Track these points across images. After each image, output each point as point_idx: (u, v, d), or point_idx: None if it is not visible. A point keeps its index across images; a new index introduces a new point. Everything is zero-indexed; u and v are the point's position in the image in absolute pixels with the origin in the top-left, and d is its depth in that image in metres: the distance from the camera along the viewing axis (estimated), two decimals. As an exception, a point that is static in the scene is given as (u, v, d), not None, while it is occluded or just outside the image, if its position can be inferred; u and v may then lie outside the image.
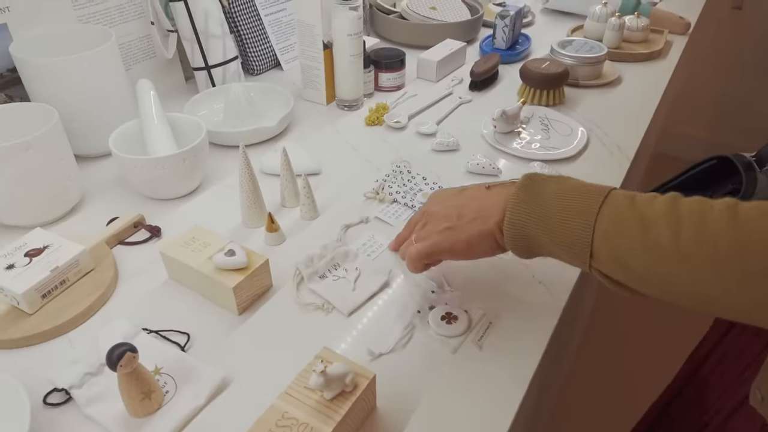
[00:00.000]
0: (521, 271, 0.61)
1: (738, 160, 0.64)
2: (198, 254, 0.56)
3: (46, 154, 0.62)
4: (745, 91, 2.42)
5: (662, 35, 1.18)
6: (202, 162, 0.70)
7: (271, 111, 0.87)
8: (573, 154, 0.80)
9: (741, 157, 0.64)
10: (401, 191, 0.72)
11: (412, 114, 0.90)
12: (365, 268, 0.60)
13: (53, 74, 0.69)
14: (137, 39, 0.88)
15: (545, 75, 0.91)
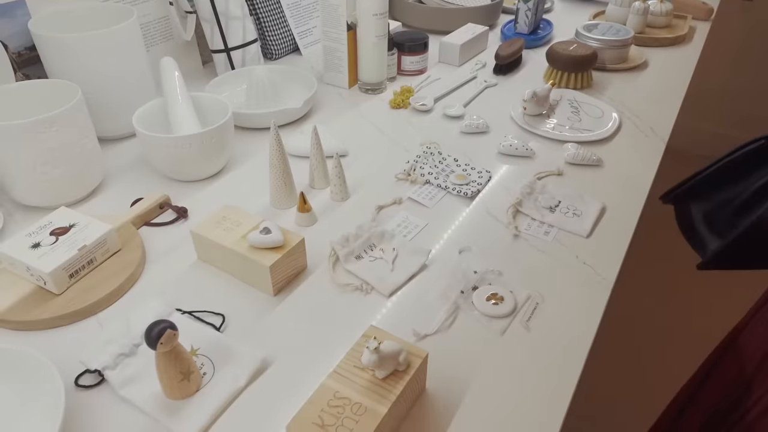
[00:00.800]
0: (564, 252, 0.58)
1: None
2: (230, 233, 0.54)
3: (69, 131, 0.59)
4: (755, 84, 2.39)
5: (686, 21, 1.16)
6: (229, 142, 0.68)
7: (294, 94, 0.85)
8: (607, 136, 0.78)
9: None
10: (434, 172, 0.69)
11: (437, 97, 0.87)
12: (403, 248, 0.58)
13: (73, 51, 0.67)
14: (155, 20, 0.86)
15: (573, 57, 0.88)
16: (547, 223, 0.62)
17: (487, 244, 0.59)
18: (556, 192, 0.66)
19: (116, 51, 0.69)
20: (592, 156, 0.72)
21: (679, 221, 0.73)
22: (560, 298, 0.53)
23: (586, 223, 0.62)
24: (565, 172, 0.71)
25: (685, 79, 0.95)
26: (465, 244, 0.59)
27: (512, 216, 0.63)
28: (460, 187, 0.67)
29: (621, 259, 0.57)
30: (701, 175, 0.69)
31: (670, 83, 0.94)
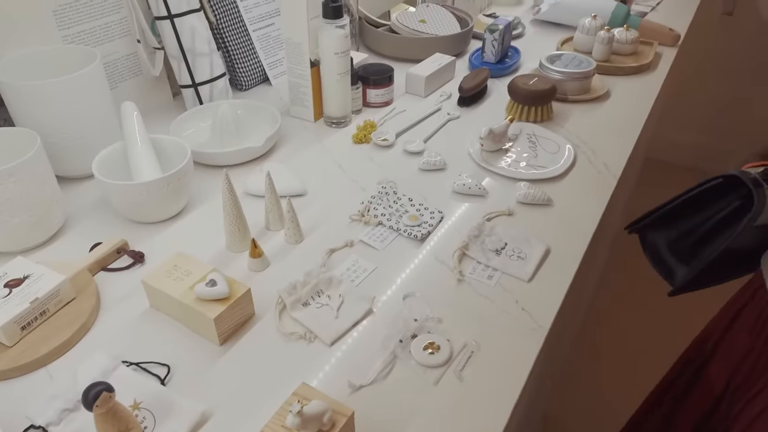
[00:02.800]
0: (505, 297, 0.61)
1: (745, 177, 0.65)
2: (180, 283, 0.56)
3: (29, 180, 0.61)
4: (737, 95, 2.42)
5: (652, 47, 1.18)
6: (187, 185, 0.70)
7: (259, 129, 0.87)
8: (560, 174, 0.80)
9: (747, 174, 0.65)
10: (386, 213, 0.71)
11: (399, 131, 0.89)
12: (349, 294, 0.60)
13: (36, 98, 0.69)
14: (123, 57, 0.88)
15: (533, 92, 0.91)
16: (491, 267, 0.64)
17: (432, 289, 0.62)
18: (503, 234, 0.68)
19: (80, 96, 0.71)
20: (543, 196, 0.74)
21: (645, 250, 0.76)
22: (495, 346, 0.55)
23: (529, 266, 0.64)
24: (515, 212, 0.73)
25: (645, 110, 0.98)
26: (411, 289, 0.61)
27: (458, 260, 0.65)
28: (411, 229, 0.69)
29: (558, 305, 0.60)
30: (666, 207, 0.73)
31: (629, 114, 0.96)
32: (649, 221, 0.75)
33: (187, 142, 0.82)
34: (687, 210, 0.70)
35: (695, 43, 2.36)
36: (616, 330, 1.68)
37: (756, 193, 0.62)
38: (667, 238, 0.73)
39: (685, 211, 0.71)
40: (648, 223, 0.75)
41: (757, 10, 2.27)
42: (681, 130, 2.61)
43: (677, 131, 2.61)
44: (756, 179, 0.63)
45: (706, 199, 0.69)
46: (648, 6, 1.46)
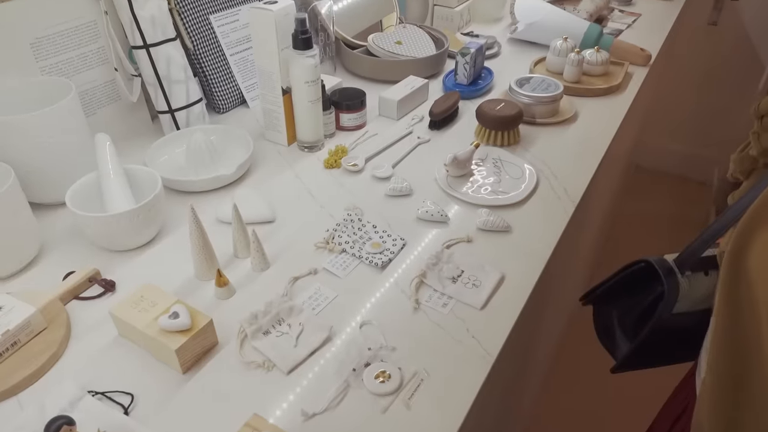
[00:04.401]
0: (457, 325, 0.64)
1: (660, 265, 0.66)
2: (145, 314, 0.59)
3: (3, 214, 0.64)
4: (721, 103, 2.46)
5: (623, 67, 1.21)
6: (157, 215, 0.73)
7: (233, 153, 0.90)
8: (520, 200, 0.83)
9: (663, 263, 0.66)
10: (350, 241, 0.74)
11: (369, 156, 0.92)
12: (308, 323, 0.63)
13: (12, 131, 0.72)
14: (102, 84, 0.91)
15: (499, 117, 0.94)
16: (447, 295, 0.67)
17: (389, 317, 0.65)
18: (461, 261, 0.71)
19: (56, 128, 0.74)
20: (502, 223, 0.77)
21: (595, 323, 0.77)
22: (444, 374, 0.58)
23: (482, 294, 0.67)
24: (475, 239, 0.76)
25: (609, 134, 1.01)
26: (369, 317, 0.64)
27: (415, 288, 0.68)
28: (373, 257, 0.72)
29: (507, 333, 0.63)
30: (609, 282, 0.74)
31: (594, 138, 0.99)
32: (600, 293, 0.76)
33: (163, 168, 0.85)
34: (626, 289, 0.71)
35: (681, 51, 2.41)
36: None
37: (667, 282, 0.63)
38: (617, 312, 0.74)
39: (624, 290, 0.72)
40: (599, 294, 0.76)
41: (740, 20, 2.30)
42: (669, 137, 2.65)
43: (665, 139, 2.65)
44: (670, 268, 0.64)
45: (640, 282, 0.70)
46: (624, 23, 1.49)
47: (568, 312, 1.52)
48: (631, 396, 1.45)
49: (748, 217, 0.50)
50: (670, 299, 0.65)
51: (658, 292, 0.67)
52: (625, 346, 0.72)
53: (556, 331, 1.41)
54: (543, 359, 1.36)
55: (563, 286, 1.08)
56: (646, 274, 0.69)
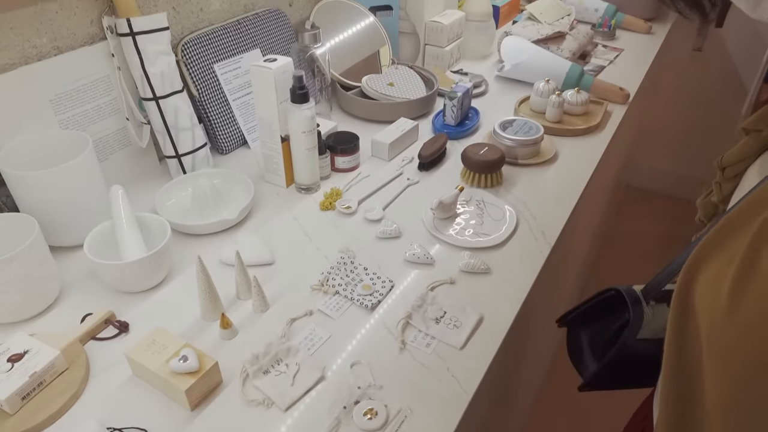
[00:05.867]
0: (439, 364, 0.70)
1: (628, 294, 0.73)
2: (157, 357, 0.66)
3: (29, 263, 0.71)
4: (708, 125, 2.54)
5: (602, 106, 1.29)
6: (167, 260, 0.80)
7: (236, 196, 0.97)
8: (501, 242, 0.90)
9: (631, 292, 0.73)
10: (343, 283, 0.81)
11: (362, 198, 0.99)
12: (304, 363, 0.70)
13: (34, 184, 0.79)
14: (114, 132, 0.98)
15: (483, 162, 1.01)
16: (430, 335, 0.74)
17: (377, 356, 0.71)
18: (444, 303, 0.78)
19: (74, 181, 0.81)
20: (482, 265, 0.84)
21: (568, 344, 0.84)
22: (426, 411, 0.65)
23: (462, 334, 0.74)
24: (457, 281, 0.83)
25: (586, 175, 1.08)
26: (359, 357, 0.71)
27: (401, 329, 0.75)
28: (363, 298, 0.79)
29: (483, 372, 0.69)
30: (582, 307, 0.81)
31: (572, 178, 1.06)
32: (574, 316, 0.83)
33: (171, 211, 0.93)
34: (598, 314, 0.78)
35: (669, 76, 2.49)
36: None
37: (633, 310, 0.70)
38: (588, 335, 0.81)
39: (596, 314, 0.79)
40: (573, 318, 0.83)
41: (724, 46, 2.39)
42: (658, 158, 2.73)
43: (655, 159, 2.73)
44: (637, 297, 0.70)
45: (609, 308, 0.77)
46: (606, 59, 1.57)
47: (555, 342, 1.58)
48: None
49: (694, 256, 0.57)
50: (635, 325, 0.71)
51: (624, 319, 0.74)
52: (592, 367, 0.78)
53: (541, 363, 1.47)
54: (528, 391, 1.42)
55: (545, 320, 1.14)
56: (615, 302, 0.76)
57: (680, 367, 0.58)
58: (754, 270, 0.49)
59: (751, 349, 0.50)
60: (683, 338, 0.58)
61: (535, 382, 1.57)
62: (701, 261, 0.56)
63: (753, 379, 0.51)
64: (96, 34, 0.92)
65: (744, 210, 0.54)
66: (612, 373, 0.74)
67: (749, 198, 0.55)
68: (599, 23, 1.72)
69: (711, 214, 0.80)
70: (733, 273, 0.50)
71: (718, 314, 0.52)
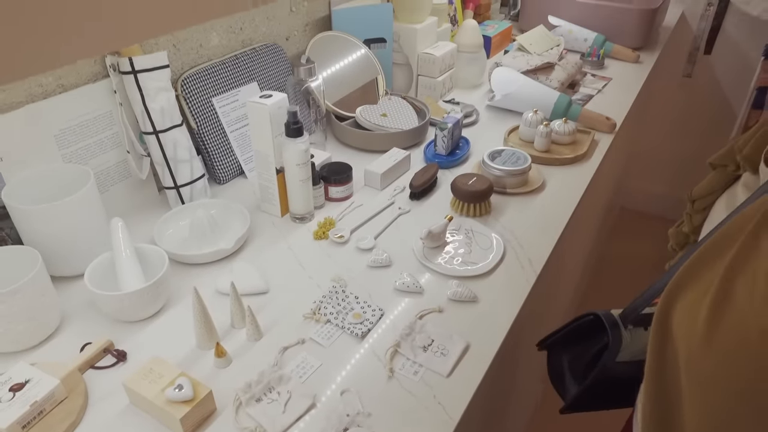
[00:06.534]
0: (426, 392, 0.73)
1: (606, 318, 0.76)
2: (154, 386, 0.68)
3: (32, 295, 0.74)
4: (699, 149, 2.58)
5: (589, 135, 1.32)
6: (165, 290, 0.83)
7: (232, 226, 1.00)
8: (488, 270, 0.93)
9: (609, 317, 0.76)
10: (334, 312, 0.84)
11: (354, 227, 1.03)
12: (295, 391, 0.72)
13: (38, 218, 0.82)
14: (115, 164, 1.02)
15: (472, 192, 1.04)
16: (418, 363, 0.77)
17: (366, 384, 0.74)
18: (432, 331, 0.81)
19: (76, 214, 0.84)
20: (469, 294, 0.87)
21: (549, 368, 0.87)
22: (412, 438, 0.67)
23: (449, 362, 0.76)
24: (445, 309, 0.86)
25: (572, 203, 1.11)
26: (348, 385, 0.74)
27: (390, 357, 0.77)
28: (354, 327, 0.81)
29: (468, 399, 0.72)
30: (562, 332, 0.84)
31: (559, 208, 1.10)
32: (554, 341, 0.86)
33: (169, 241, 0.96)
34: (577, 338, 0.81)
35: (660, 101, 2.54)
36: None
37: (612, 334, 0.73)
38: (567, 358, 0.84)
39: (576, 338, 0.82)
40: (553, 342, 0.86)
41: (713, 73, 2.44)
42: (651, 181, 2.77)
43: (648, 182, 2.78)
44: (615, 321, 0.74)
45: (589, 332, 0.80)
46: (595, 89, 1.61)
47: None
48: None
49: (672, 284, 0.60)
50: (614, 348, 0.74)
51: (603, 343, 0.77)
52: (573, 389, 0.81)
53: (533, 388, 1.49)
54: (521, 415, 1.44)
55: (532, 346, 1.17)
56: (594, 326, 0.79)
57: (660, 391, 0.61)
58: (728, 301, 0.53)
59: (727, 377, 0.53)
60: (663, 363, 0.61)
61: (528, 407, 1.58)
62: (679, 289, 0.60)
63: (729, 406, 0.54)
64: (99, 72, 0.97)
65: (716, 243, 0.57)
66: (592, 396, 0.77)
67: (721, 231, 0.58)
68: (588, 53, 1.77)
69: (682, 243, 0.83)
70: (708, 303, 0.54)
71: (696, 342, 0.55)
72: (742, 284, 0.51)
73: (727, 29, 2.31)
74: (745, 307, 0.50)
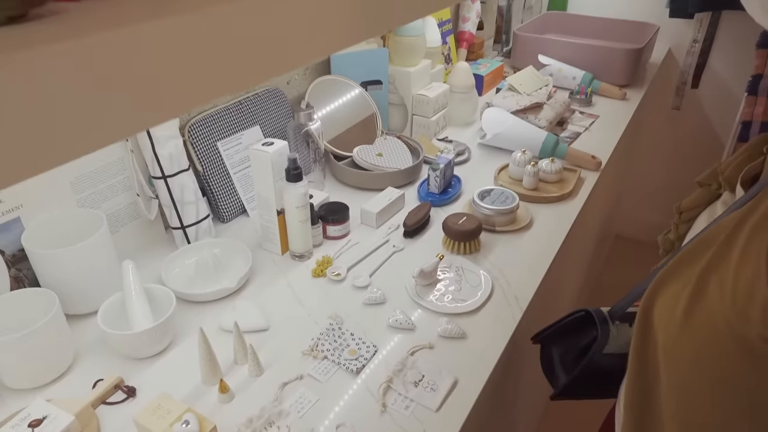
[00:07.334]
0: (416, 426, 0.78)
1: (596, 314, 0.83)
2: (162, 421, 0.73)
3: (49, 335, 0.80)
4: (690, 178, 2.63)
5: (576, 173, 1.39)
6: (172, 328, 0.88)
7: (235, 264, 1.06)
8: (476, 307, 0.98)
9: (599, 313, 0.83)
10: (331, 348, 0.89)
11: (351, 265, 1.08)
12: (294, 426, 0.77)
13: (55, 261, 0.88)
14: (125, 206, 1.08)
15: (462, 231, 1.10)
16: (409, 398, 0.82)
17: (360, 419, 0.79)
18: (422, 367, 0.86)
19: (90, 257, 0.90)
20: (458, 330, 0.92)
21: (542, 359, 0.93)
22: (403, 470, 0.72)
23: (438, 397, 0.81)
24: (435, 345, 0.91)
25: (558, 241, 1.17)
26: (343, 419, 0.79)
27: (383, 392, 0.82)
28: (349, 363, 0.87)
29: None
30: (555, 326, 0.91)
31: (546, 244, 1.16)
32: (547, 334, 0.93)
33: (176, 279, 1.01)
34: (569, 332, 0.88)
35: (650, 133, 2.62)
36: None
37: (600, 329, 0.80)
38: (559, 352, 0.91)
39: (567, 332, 0.89)
40: (546, 336, 0.93)
41: (700, 105, 2.52)
42: (645, 210, 2.84)
43: (642, 211, 2.84)
44: (604, 317, 0.82)
45: (579, 327, 0.87)
46: (582, 126, 1.68)
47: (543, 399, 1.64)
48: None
49: (655, 282, 0.69)
50: (602, 341, 0.81)
51: (592, 336, 0.84)
52: (563, 378, 0.88)
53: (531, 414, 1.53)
54: None
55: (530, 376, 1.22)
56: (583, 322, 0.85)
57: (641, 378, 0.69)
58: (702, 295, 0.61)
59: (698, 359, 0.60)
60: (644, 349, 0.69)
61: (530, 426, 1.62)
62: (660, 286, 0.67)
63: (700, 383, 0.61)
64: (112, 121, 1.03)
65: (694, 248, 0.66)
66: (581, 384, 0.84)
67: (699, 238, 0.66)
68: (576, 90, 1.85)
69: (669, 249, 0.92)
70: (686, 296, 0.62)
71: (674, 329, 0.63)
72: (714, 282, 0.59)
73: (712, 65, 2.40)
74: (716, 301, 0.58)
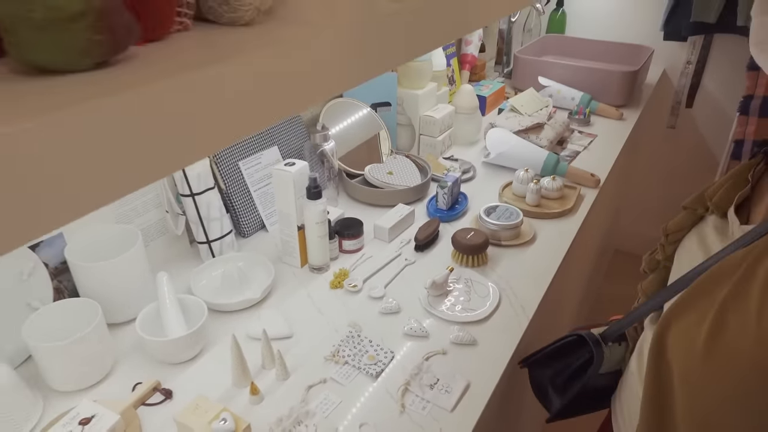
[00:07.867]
0: (433, 425, 0.84)
1: (590, 338, 0.89)
2: (201, 419, 0.80)
3: (93, 341, 0.86)
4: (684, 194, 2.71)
5: (576, 190, 1.47)
6: (204, 335, 0.95)
7: (257, 276, 1.13)
8: (485, 316, 1.05)
9: (592, 336, 0.90)
10: (351, 354, 0.96)
11: (366, 277, 1.15)
12: (320, 425, 0.84)
13: (95, 273, 0.95)
14: (155, 222, 1.15)
15: (470, 246, 1.18)
16: (426, 399, 0.88)
17: (381, 418, 0.85)
18: (437, 371, 0.93)
19: (127, 269, 0.97)
20: (469, 337, 0.99)
21: (532, 383, 0.99)
22: (422, 464, 0.78)
23: (452, 399, 0.88)
24: (448, 351, 0.98)
25: (560, 254, 1.24)
26: (365, 419, 0.85)
27: (401, 394, 0.89)
28: (369, 367, 0.93)
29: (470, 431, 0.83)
30: (545, 351, 0.97)
31: (549, 257, 1.23)
32: (536, 359, 0.99)
33: (204, 290, 1.08)
34: (559, 355, 0.94)
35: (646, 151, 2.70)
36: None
37: (596, 351, 0.86)
38: (549, 375, 0.97)
39: (558, 355, 0.95)
40: (535, 360, 0.99)
41: (694, 124, 2.61)
42: (643, 225, 2.91)
43: (640, 226, 2.92)
44: (597, 339, 0.88)
45: (570, 350, 0.93)
46: (581, 145, 1.77)
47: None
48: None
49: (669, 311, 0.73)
50: (598, 363, 0.87)
51: (585, 358, 0.90)
52: (557, 401, 0.94)
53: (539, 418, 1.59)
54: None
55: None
56: (573, 344, 0.91)
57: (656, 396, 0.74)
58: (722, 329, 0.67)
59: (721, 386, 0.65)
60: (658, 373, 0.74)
61: None
62: (673, 316, 0.73)
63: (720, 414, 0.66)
64: (145, 143, 1.11)
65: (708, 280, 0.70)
66: (576, 404, 0.90)
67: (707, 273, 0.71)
68: (575, 111, 1.93)
69: (653, 267, 0.98)
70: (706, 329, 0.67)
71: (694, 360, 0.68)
72: (734, 320, 0.64)
73: (706, 85, 2.49)
74: (737, 338, 0.63)
